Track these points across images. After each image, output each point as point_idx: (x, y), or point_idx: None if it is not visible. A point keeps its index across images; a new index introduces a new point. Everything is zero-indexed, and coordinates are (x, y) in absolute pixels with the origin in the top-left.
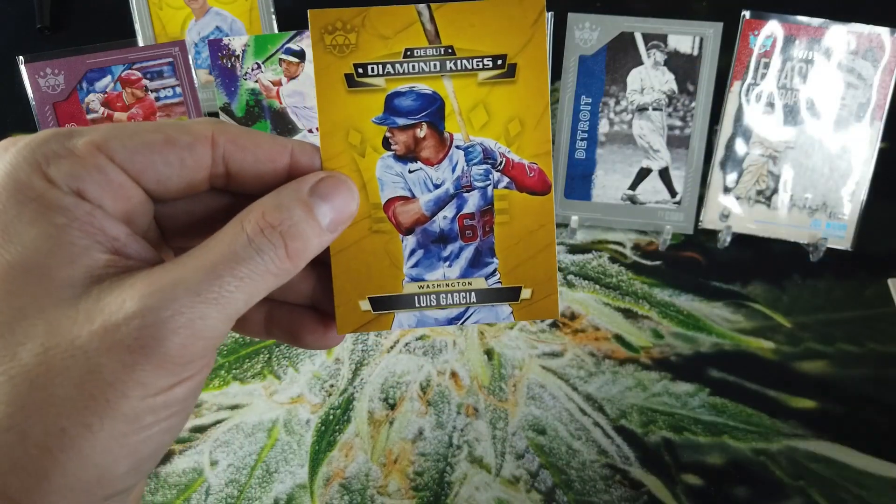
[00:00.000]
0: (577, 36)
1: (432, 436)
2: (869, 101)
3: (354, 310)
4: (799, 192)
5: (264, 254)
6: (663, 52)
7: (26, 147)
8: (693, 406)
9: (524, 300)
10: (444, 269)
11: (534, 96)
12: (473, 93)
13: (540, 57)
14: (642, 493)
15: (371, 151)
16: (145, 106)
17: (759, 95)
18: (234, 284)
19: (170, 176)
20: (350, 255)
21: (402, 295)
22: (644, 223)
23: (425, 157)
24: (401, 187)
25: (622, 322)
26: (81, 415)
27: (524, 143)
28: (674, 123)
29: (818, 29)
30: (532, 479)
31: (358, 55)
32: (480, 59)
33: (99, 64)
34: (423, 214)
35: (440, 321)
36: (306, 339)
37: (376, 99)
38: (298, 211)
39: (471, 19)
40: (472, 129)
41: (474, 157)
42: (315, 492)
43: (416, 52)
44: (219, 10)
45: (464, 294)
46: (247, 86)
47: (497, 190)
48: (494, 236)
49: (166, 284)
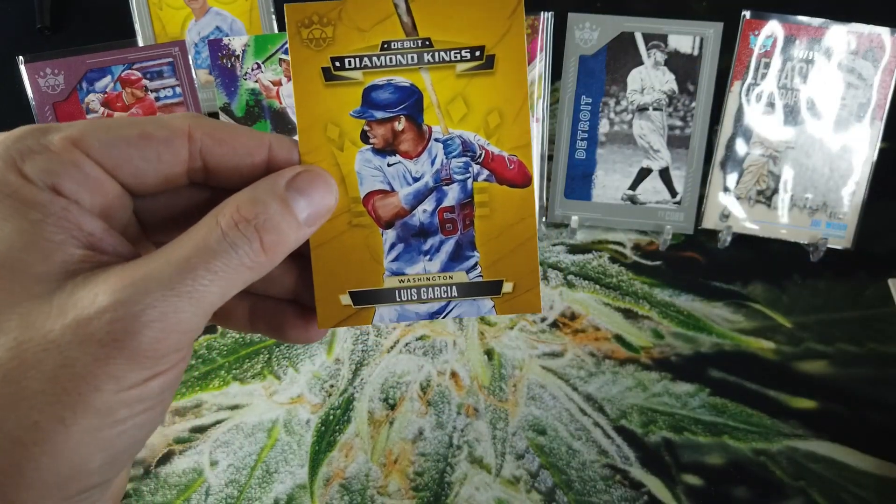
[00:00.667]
0: (577, 36)
1: (432, 436)
2: (869, 101)
3: (335, 304)
4: (799, 193)
5: (238, 248)
6: (663, 52)
7: (1, 144)
8: (693, 406)
9: (506, 294)
10: (424, 262)
11: (513, 88)
12: (452, 85)
13: (518, 48)
14: (642, 494)
15: (349, 145)
16: (145, 106)
17: (760, 95)
18: (207, 278)
19: (147, 171)
20: (329, 249)
21: (382, 289)
22: (644, 223)
23: (404, 150)
24: (380, 181)
25: (622, 322)
26: (54, 408)
27: (504, 136)
28: (674, 123)
29: (818, 29)
30: (532, 480)
31: (335, 48)
32: (458, 51)
33: (99, 64)
34: (403, 208)
35: (421, 315)
36: (289, 333)
37: (354, 92)
38: (274, 205)
39: (448, 11)
40: (451, 121)
41: (453, 150)
42: (315, 492)
43: (393, 45)
44: (219, 11)
45: (445, 288)
46: (247, 86)
47: (477, 183)
48: (475, 229)
49: (139, 278)
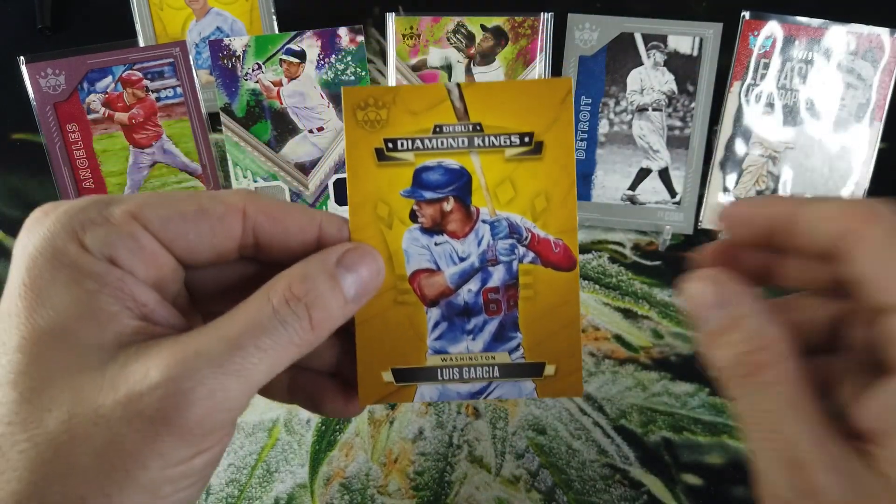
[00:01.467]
0: (577, 36)
1: (432, 435)
2: (868, 101)
3: (377, 380)
4: (798, 193)
5: (289, 325)
6: (663, 53)
7: (65, 214)
8: (693, 406)
9: (548, 376)
10: (467, 342)
11: (560, 173)
12: (500, 168)
13: (567, 135)
14: (642, 493)
15: (398, 223)
16: (146, 106)
17: (759, 96)
18: (257, 356)
19: (201, 245)
20: (374, 325)
21: (424, 367)
22: (644, 223)
23: (451, 230)
24: (426, 259)
25: (622, 322)
26: (101, 484)
27: (550, 219)
28: (674, 124)
29: (818, 29)
30: (532, 479)
31: (388, 130)
32: (508, 137)
33: (100, 64)
34: (448, 287)
35: (462, 395)
36: (327, 407)
37: (405, 173)
38: (324, 282)
39: (499, 98)
40: (499, 203)
41: (500, 232)
42: (315, 491)
43: (444, 129)
44: (219, 11)
45: (487, 368)
46: (247, 86)
47: (522, 265)
48: (518, 311)
49: (190, 354)
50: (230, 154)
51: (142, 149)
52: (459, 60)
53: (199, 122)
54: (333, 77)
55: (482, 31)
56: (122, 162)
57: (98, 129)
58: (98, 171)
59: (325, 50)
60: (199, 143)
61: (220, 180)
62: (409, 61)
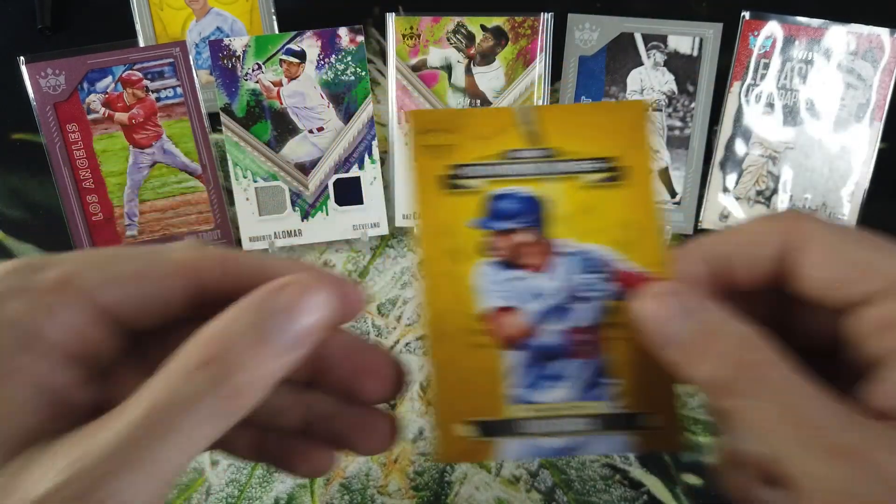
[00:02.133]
0: (577, 36)
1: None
2: (868, 101)
3: (452, 435)
4: (798, 193)
5: (206, 396)
6: (663, 53)
7: None
8: (693, 406)
9: (644, 428)
10: (551, 389)
11: (643, 200)
12: (577, 196)
13: (646, 160)
14: (642, 493)
15: (467, 257)
16: (146, 106)
17: (759, 96)
18: (167, 444)
19: (144, 307)
20: (448, 373)
21: (509, 420)
22: None
23: (528, 263)
24: (501, 297)
25: None
26: None
27: (636, 251)
28: (673, 124)
29: (818, 30)
30: (532, 479)
31: (456, 156)
32: (585, 162)
33: (100, 64)
34: (529, 327)
35: (551, 451)
36: (300, 468)
37: (473, 201)
38: (245, 334)
39: (574, 121)
40: (578, 234)
41: (583, 265)
42: (315, 491)
43: (516, 154)
44: (219, 11)
45: (576, 420)
46: (247, 86)
47: (609, 302)
48: (608, 353)
49: (91, 451)
50: (230, 154)
51: (142, 149)
52: (459, 60)
53: (199, 122)
54: (333, 77)
55: (482, 32)
56: (122, 162)
57: (98, 129)
58: (98, 171)
59: (325, 50)
60: (199, 143)
61: (221, 180)
62: (409, 61)
